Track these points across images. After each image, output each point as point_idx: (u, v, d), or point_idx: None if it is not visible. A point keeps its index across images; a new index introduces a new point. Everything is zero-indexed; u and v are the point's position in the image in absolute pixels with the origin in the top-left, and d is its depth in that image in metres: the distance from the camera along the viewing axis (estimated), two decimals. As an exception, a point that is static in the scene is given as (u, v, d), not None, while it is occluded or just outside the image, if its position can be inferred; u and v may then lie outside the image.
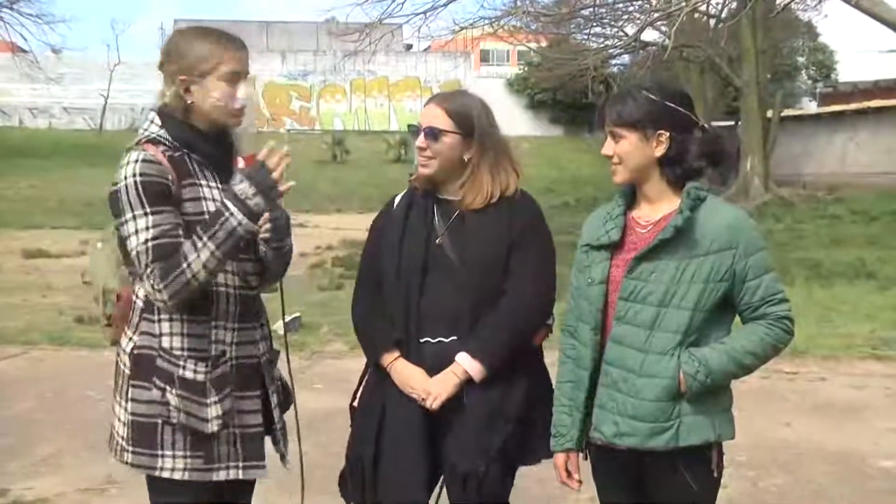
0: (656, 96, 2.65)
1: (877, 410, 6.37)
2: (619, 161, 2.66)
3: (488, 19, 21.26)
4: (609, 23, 25.10)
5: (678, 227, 2.56)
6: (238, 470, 2.68)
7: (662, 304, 2.58)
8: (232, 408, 2.66)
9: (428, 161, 2.92)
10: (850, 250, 13.83)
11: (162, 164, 2.57)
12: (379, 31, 20.10)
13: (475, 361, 2.81)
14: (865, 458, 5.36)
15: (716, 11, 24.64)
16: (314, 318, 9.38)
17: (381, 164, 29.47)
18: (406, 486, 2.85)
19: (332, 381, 6.90)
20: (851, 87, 29.46)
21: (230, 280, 2.67)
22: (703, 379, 2.56)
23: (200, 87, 2.63)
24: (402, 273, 2.90)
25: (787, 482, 4.97)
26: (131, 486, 4.76)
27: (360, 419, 2.97)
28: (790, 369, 7.20)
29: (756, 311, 2.62)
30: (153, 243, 2.53)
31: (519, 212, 2.94)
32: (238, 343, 2.70)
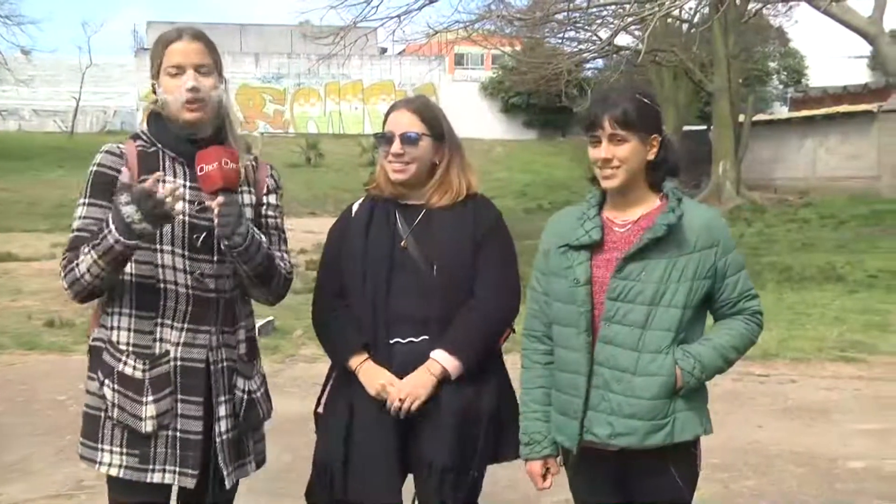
0: (647, 100, 2.67)
1: (846, 412, 6.43)
2: (619, 165, 2.63)
3: (462, 23, 21.28)
4: (583, 27, 25.22)
5: (670, 224, 2.58)
6: (174, 475, 2.64)
7: (653, 303, 2.60)
8: (170, 410, 2.62)
9: (405, 167, 2.91)
10: (819, 254, 13.96)
11: (121, 157, 2.65)
12: (353, 35, 20.04)
13: (452, 358, 2.81)
14: (835, 459, 5.40)
15: (688, 16, 24.89)
16: (288, 322, 9.35)
17: (354, 167, 29.39)
18: (379, 487, 2.83)
19: (305, 384, 6.89)
20: (821, 92, 29.71)
21: (181, 279, 2.64)
22: (699, 375, 2.61)
23: (160, 84, 2.70)
24: (368, 276, 2.89)
25: (759, 484, 5.00)
26: (101, 492, 4.74)
27: (327, 423, 2.95)
28: (761, 371, 7.26)
29: (734, 306, 2.68)
30: (74, 234, 2.62)
31: (482, 213, 2.97)
32: (185, 344, 2.65)
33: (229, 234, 2.59)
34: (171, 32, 2.72)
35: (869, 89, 27.18)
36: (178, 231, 2.63)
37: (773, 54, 36.41)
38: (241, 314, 2.82)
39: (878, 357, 7.95)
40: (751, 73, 32.70)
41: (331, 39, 20.12)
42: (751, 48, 30.11)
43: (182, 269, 2.64)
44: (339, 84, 37.71)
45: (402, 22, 20.00)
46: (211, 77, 2.69)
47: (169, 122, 2.69)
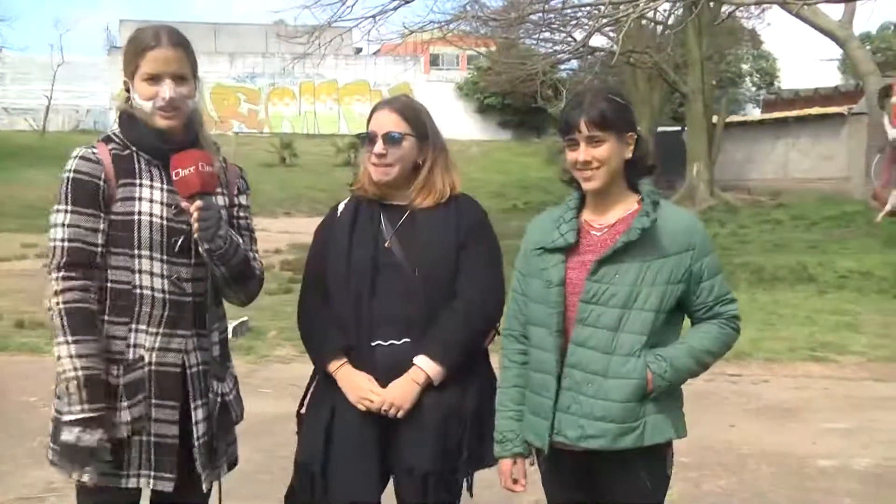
0: (620, 99, 2.69)
1: (816, 411, 6.49)
2: (599, 165, 2.64)
3: (438, 23, 21.27)
4: (558, 28, 25.28)
5: (644, 228, 2.59)
6: (149, 479, 2.62)
7: (626, 306, 2.60)
8: (145, 414, 2.60)
9: (388, 168, 2.90)
10: (791, 255, 14.06)
11: (98, 164, 2.58)
12: (328, 35, 19.99)
13: (435, 364, 2.80)
14: (805, 458, 5.45)
15: (662, 18, 24.98)
16: (262, 323, 9.31)
17: (329, 167, 29.31)
18: (359, 489, 2.83)
19: (279, 385, 6.86)
20: (793, 94, 29.91)
21: (157, 283, 2.62)
22: (670, 378, 2.60)
23: (134, 87, 2.65)
24: (352, 277, 2.88)
25: (730, 483, 5.03)
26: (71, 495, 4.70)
27: (309, 425, 2.94)
28: (734, 371, 7.31)
29: (710, 310, 2.68)
30: (69, 245, 2.55)
31: (465, 213, 2.96)
32: (160, 349, 2.63)
33: (211, 238, 2.60)
34: (148, 35, 2.64)
35: (839, 92, 27.42)
36: (155, 236, 2.60)
37: (746, 57, 36.67)
38: (215, 316, 2.80)
39: (848, 357, 8.03)
40: (724, 75, 32.92)
41: (305, 39, 20.06)
42: (724, 50, 30.31)
43: (160, 274, 2.62)
44: (313, 84, 37.59)
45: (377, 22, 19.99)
46: (187, 85, 2.66)
47: (142, 123, 2.66)
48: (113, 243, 2.59)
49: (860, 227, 16.77)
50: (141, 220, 2.59)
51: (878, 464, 5.35)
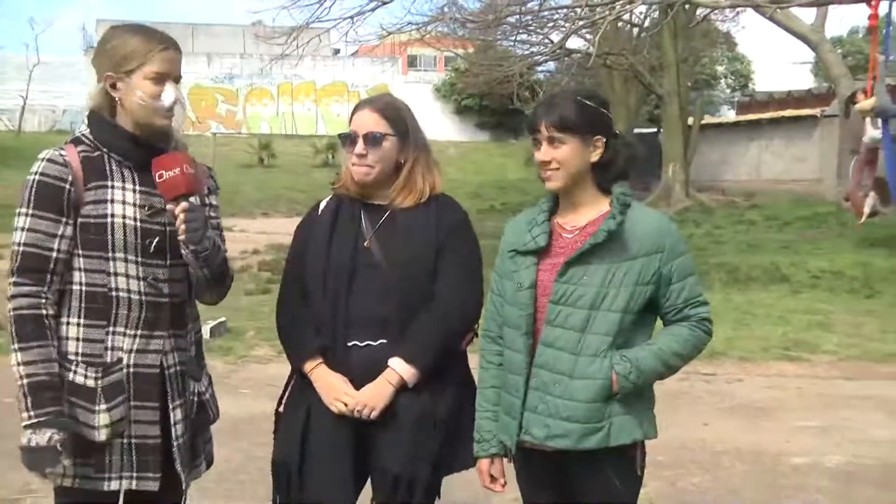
0: (591, 102, 2.68)
1: (789, 410, 6.54)
2: (558, 167, 2.66)
3: (415, 25, 21.23)
4: (535, 30, 25.29)
5: (611, 231, 2.59)
6: (132, 481, 2.61)
7: (593, 308, 2.61)
8: (125, 417, 2.58)
9: (369, 168, 2.89)
10: (765, 255, 14.15)
11: (66, 167, 2.54)
12: (306, 36, 19.94)
13: (409, 366, 2.79)
14: (778, 456, 5.50)
15: (638, 21, 25.07)
16: (240, 323, 9.28)
17: (307, 168, 29.22)
18: (333, 489, 2.82)
19: (257, 385, 6.83)
20: (767, 96, 30.12)
21: (134, 285, 2.59)
22: (635, 379, 2.60)
23: (126, 85, 2.58)
24: (330, 277, 2.87)
25: (705, 481, 5.06)
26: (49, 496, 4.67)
27: (286, 424, 2.94)
28: (708, 371, 7.35)
29: (680, 312, 2.68)
30: (23, 249, 2.52)
31: (446, 213, 2.94)
32: (138, 350, 2.61)
33: (199, 240, 2.60)
34: (157, 35, 2.63)
35: (812, 94, 27.64)
36: (130, 237, 2.57)
37: (721, 59, 36.89)
38: (190, 316, 2.79)
39: (820, 356, 8.10)
40: (699, 78, 33.09)
41: (283, 40, 20.00)
42: (699, 53, 30.46)
43: (135, 276, 2.59)
44: (291, 85, 37.48)
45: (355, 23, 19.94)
46: (179, 86, 2.68)
47: (115, 122, 2.61)
48: (85, 246, 2.56)
49: (832, 227, 16.91)
50: (114, 223, 2.56)
51: (849, 461, 5.40)
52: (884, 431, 5.99)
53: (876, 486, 4.99)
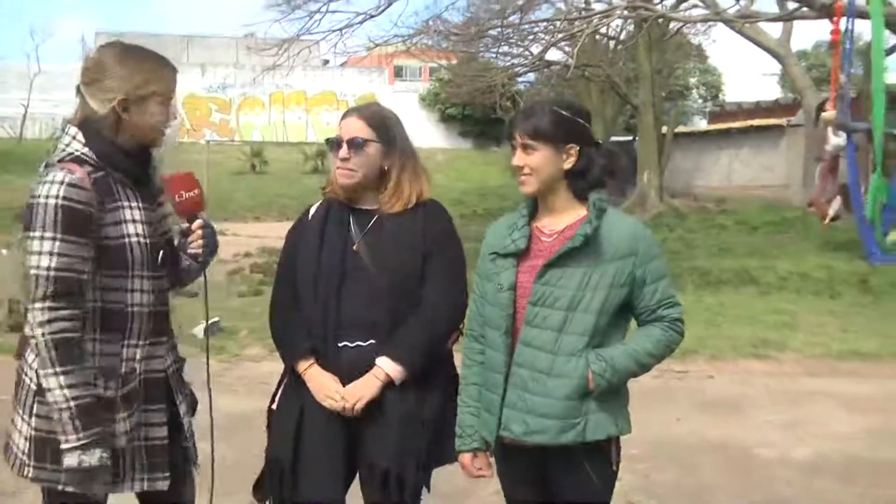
0: (566, 112, 2.70)
1: (757, 405, 6.58)
2: (531, 172, 2.69)
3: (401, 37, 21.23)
4: (516, 43, 25.35)
5: (587, 235, 2.61)
6: (143, 482, 2.60)
7: (570, 309, 2.62)
8: (139, 421, 2.58)
9: (352, 172, 2.89)
10: (735, 259, 14.20)
11: (88, 190, 2.46)
12: (296, 47, 19.93)
13: (396, 365, 2.80)
14: (746, 449, 5.52)
15: (615, 34, 25.17)
16: (233, 323, 9.25)
17: (298, 174, 29.14)
18: (324, 486, 2.83)
19: (250, 384, 6.83)
20: (737, 106, 30.25)
21: (146, 299, 2.60)
22: (610, 378, 2.61)
23: (139, 108, 2.55)
24: (320, 280, 2.87)
25: (677, 474, 5.09)
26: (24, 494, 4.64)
27: (279, 421, 2.94)
28: (680, 368, 7.37)
29: (653, 313, 2.69)
30: (56, 274, 2.42)
31: (432, 219, 2.95)
32: (146, 358, 2.61)
33: (213, 251, 2.70)
34: (164, 59, 2.64)
35: (779, 105, 27.79)
36: (145, 255, 2.57)
37: (693, 71, 37.01)
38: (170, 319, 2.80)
39: (787, 354, 8.14)
40: (672, 88, 33.20)
41: (275, 51, 19.97)
42: (672, 65, 30.55)
43: (148, 290, 2.60)
44: (283, 94, 37.39)
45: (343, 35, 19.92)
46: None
47: (114, 141, 2.55)
48: (107, 266, 2.52)
49: (798, 232, 16.98)
50: (131, 242, 2.54)
51: (815, 454, 5.44)
52: (845, 426, 6.03)
53: (839, 479, 5.03)
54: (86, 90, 2.57)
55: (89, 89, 2.56)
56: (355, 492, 2.93)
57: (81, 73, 2.60)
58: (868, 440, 5.72)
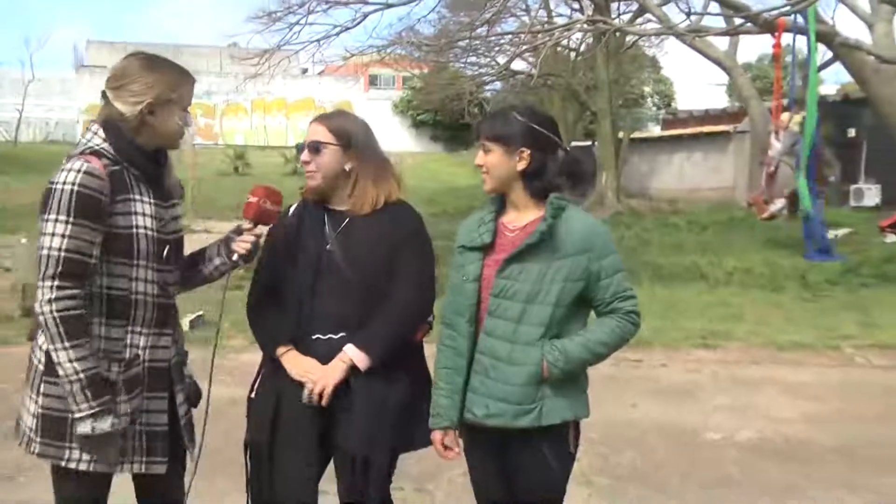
0: (524, 118, 2.70)
1: (707, 391, 6.62)
2: (487, 171, 2.72)
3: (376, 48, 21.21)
4: (483, 53, 25.42)
5: (543, 232, 2.62)
6: (141, 465, 2.60)
7: (528, 301, 2.63)
8: (140, 407, 2.58)
9: (313, 173, 2.90)
10: (686, 255, 14.27)
11: (103, 180, 2.47)
12: (277, 57, 19.84)
13: (360, 352, 2.80)
14: (697, 432, 5.57)
15: (575, 46, 25.26)
16: (216, 316, 9.16)
17: (279, 176, 28.84)
18: (300, 468, 2.82)
19: (235, 373, 6.76)
20: (687, 114, 30.47)
21: (150, 289, 2.59)
22: (563, 366, 2.62)
23: (164, 111, 2.57)
24: (296, 277, 2.87)
25: (633, 455, 5.11)
26: (39, 473, 4.58)
27: (257, 407, 2.93)
28: (636, 357, 7.40)
29: (608, 306, 2.69)
30: (65, 255, 2.43)
31: (401, 220, 2.94)
32: (151, 347, 2.61)
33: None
34: (186, 72, 2.68)
35: (726, 112, 28.01)
36: (151, 247, 2.58)
37: (648, 80, 37.24)
38: (176, 313, 2.80)
39: (733, 343, 8.19)
40: (629, 97, 33.37)
41: (257, 60, 19.87)
42: (629, 75, 30.72)
43: (152, 281, 2.60)
44: (264, 100, 37.21)
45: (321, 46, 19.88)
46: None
47: (133, 140, 2.57)
48: (114, 253, 2.53)
49: (744, 231, 17.10)
50: (138, 233, 2.55)
51: (758, 437, 5.50)
52: (785, 410, 6.09)
53: (779, 458, 5.08)
54: (112, 94, 2.58)
55: (116, 93, 2.57)
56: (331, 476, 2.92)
57: (108, 78, 2.62)
58: (805, 423, 5.79)
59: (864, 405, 6.21)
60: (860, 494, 4.52)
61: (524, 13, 24.35)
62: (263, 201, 2.77)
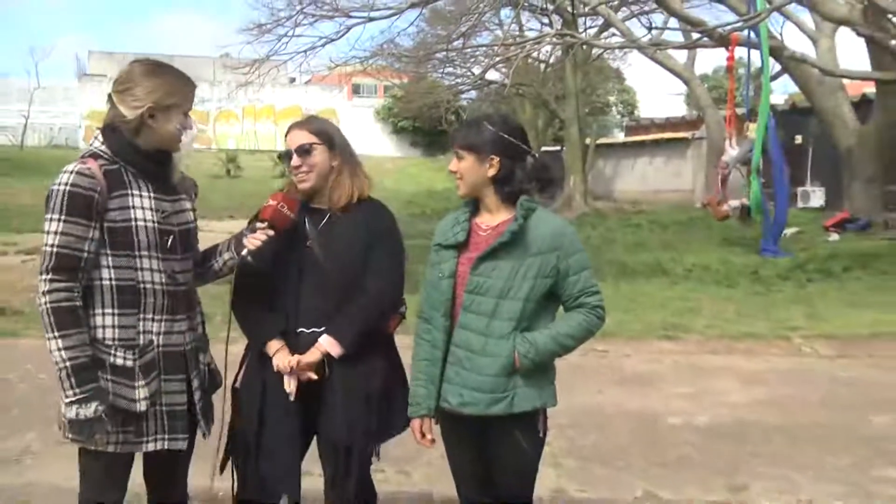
0: (494, 127, 2.70)
1: (667, 380, 6.64)
2: (461, 176, 2.72)
3: (359, 58, 21.20)
4: (459, 64, 25.46)
5: (514, 232, 2.62)
6: (164, 442, 2.60)
7: (500, 297, 2.63)
8: (158, 389, 2.58)
9: (306, 175, 2.88)
10: (649, 253, 14.34)
11: (94, 178, 2.48)
12: (266, 66, 19.75)
13: (333, 341, 2.79)
14: (657, 416, 5.58)
15: (545, 58, 25.36)
16: (210, 309, 9.04)
17: (268, 178, 28.77)
18: (284, 454, 2.82)
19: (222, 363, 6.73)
20: (649, 121, 30.64)
21: (157, 278, 2.58)
22: (533, 357, 2.63)
23: (164, 116, 2.56)
24: (280, 273, 2.85)
25: (599, 439, 5.13)
26: (46, 457, 4.55)
27: (243, 397, 2.92)
28: (602, 348, 7.39)
29: (575, 301, 2.69)
30: (57, 250, 2.46)
31: (374, 217, 2.93)
32: (165, 333, 2.60)
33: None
34: (187, 79, 2.65)
35: (685, 120, 28.23)
36: (151, 237, 2.56)
37: (613, 90, 37.39)
38: (195, 300, 2.80)
39: (692, 335, 8.22)
40: (595, 105, 33.49)
41: (247, 70, 19.78)
42: (595, 85, 30.85)
43: (158, 270, 2.58)
44: (254, 107, 36.99)
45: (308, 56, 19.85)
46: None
47: (132, 142, 2.56)
48: (114, 246, 2.52)
49: (701, 230, 17.21)
50: (137, 226, 2.54)
51: (714, 420, 5.53)
52: (739, 396, 6.13)
53: (732, 440, 5.12)
54: (117, 98, 2.58)
55: (120, 97, 2.57)
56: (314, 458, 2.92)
57: (114, 83, 2.62)
58: (757, 407, 5.83)
59: (810, 391, 6.27)
60: (804, 472, 4.57)
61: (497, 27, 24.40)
62: (281, 205, 2.77)
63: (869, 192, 15.82)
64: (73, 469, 2.68)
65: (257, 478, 2.84)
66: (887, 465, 4.69)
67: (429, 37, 23.74)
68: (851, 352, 7.53)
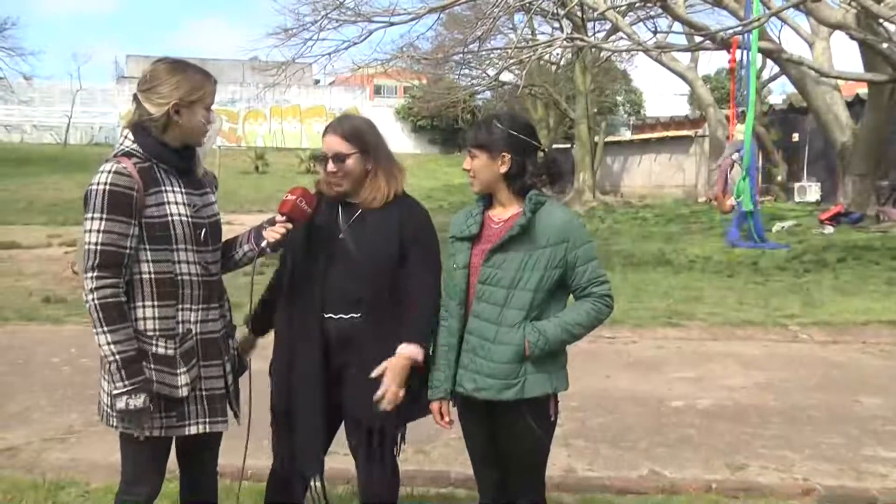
0: (504, 126, 2.68)
1: (671, 364, 6.63)
2: (474, 174, 2.71)
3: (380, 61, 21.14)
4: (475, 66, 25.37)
5: (523, 225, 2.61)
6: (206, 425, 2.61)
7: (511, 287, 2.62)
8: (198, 375, 2.58)
9: (341, 181, 2.85)
10: (654, 244, 14.28)
11: (132, 177, 2.46)
12: (293, 68, 19.75)
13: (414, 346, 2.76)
14: (662, 400, 5.58)
15: (556, 60, 25.19)
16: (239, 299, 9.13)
17: (294, 174, 28.83)
18: (312, 428, 2.82)
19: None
20: (655, 120, 30.47)
21: (193, 269, 2.58)
22: (543, 345, 2.62)
23: (189, 111, 2.54)
24: (311, 261, 2.84)
25: (607, 420, 5.13)
26: (88, 436, 4.61)
27: (274, 379, 2.94)
28: (610, 335, 7.39)
29: (584, 290, 2.68)
30: (101, 248, 2.44)
31: (409, 213, 2.89)
32: (202, 321, 2.60)
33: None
34: (208, 75, 2.62)
35: (689, 119, 28.05)
36: (187, 231, 2.56)
37: (620, 91, 37.18)
38: (224, 289, 2.80)
39: (695, 322, 8.19)
40: (603, 105, 33.31)
41: (275, 72, 19.80)
42: (603, 86, 30.66)
43: (193, 262, 2.58)
44: (281, 108, 37.07)
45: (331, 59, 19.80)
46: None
47: (163, 138, 2.55)
48: (152, 241, 2.51)
49: (703, 223, 17.10)
50: (173, 220, 2.53)
51: (715, 403, 5.51)
52: (739, 380, 6.11)
53: (732, 422, 5.10)
54: (142, 96, 2.56)
55: (145, 95, 2.55)
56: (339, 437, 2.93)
57: (139, 82, 2.60)
58: (756, 391, 5.81)
59: (806, 375, 6.24)
60: (800, 451, 4.56)
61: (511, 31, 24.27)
62: (300, 200, 2.74)
63: (862, 187, 15.69)
64: (111, 447, 2.70)
65: (289, 456, 2.86)
66: (877, 444, 4.67)
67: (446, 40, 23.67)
68: (844, 338, 7.49)
